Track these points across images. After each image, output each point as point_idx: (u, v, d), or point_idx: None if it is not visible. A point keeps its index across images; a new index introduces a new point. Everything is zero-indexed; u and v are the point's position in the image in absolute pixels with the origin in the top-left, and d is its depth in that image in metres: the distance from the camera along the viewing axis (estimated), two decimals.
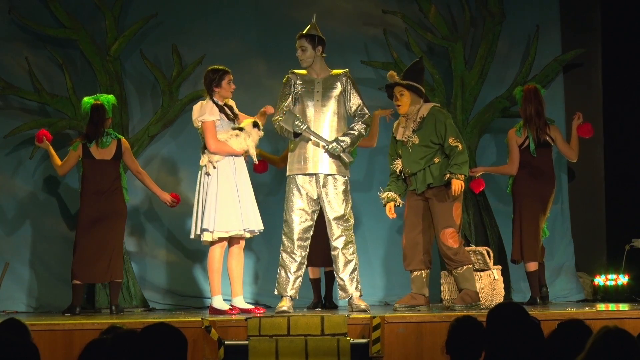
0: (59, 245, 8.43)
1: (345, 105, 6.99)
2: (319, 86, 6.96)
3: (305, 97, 6.93)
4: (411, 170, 6.99)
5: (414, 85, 6.97)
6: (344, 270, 6.88)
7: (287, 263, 6.89)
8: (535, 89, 7.89)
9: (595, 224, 9.05)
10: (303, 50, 6.98)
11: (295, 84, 6.97)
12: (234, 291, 7.02)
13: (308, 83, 6.97)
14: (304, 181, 6.88)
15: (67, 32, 8.54)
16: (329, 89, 6.96)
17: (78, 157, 7.69)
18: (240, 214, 6.87)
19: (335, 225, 6.86)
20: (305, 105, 6.92)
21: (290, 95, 6.96)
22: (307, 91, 6.95)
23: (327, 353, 5.89)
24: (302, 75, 7.01)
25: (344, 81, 6.99)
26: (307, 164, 6.86)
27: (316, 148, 6.87)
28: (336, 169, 6.88)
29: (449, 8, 8.96)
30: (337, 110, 6.95)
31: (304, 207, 6.88)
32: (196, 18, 8.88)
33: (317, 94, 6.95)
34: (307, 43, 6.98)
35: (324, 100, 6.94)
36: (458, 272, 6.91)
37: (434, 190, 6.91)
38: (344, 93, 6.98)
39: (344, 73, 7.03)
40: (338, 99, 6.96)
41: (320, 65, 7.00)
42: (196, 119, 6.97)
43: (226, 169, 6.91)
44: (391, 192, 7.08)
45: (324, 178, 6.87)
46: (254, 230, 6.97)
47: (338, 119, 6.95)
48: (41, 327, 5.89)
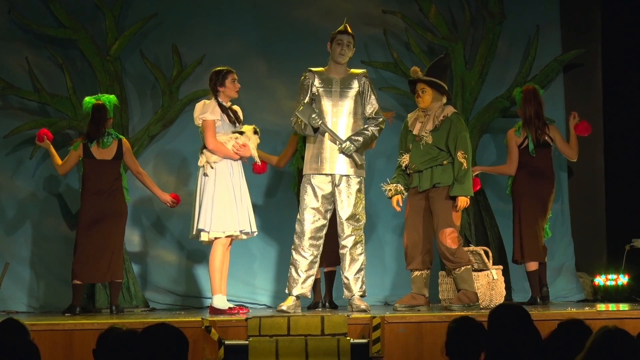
0: (60, 245, 8.43)
1: (362, 106, 6.99)
2: (337, 85, 6.96)
3: (323, 96, 6.93)
4: (418, 168, 6.99)
5: (437, 82, 6.96)
6: (349, 269, 6.89)
7: (297, 261, 6.90)
8: (534, 89, 7.89)
9: (595, 224, 9.05)
10: (349, 46, 6.96)
11: (314, 82, 6.96)
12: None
13: (326, 82, 6.96)
14: (319, 181, 6.89)
15: (67, 32, 8.54)
16: (347, 88, 6.96)
17: (79, 157, 7.69)
18: (237, 215, 6.88)
19: (346, 224, 6.87)
20: (322, 104, 6.92)
21: (308, 93, 6.95)
22: (325, 90, 6.94)
23: (327, 353, 5.89)
24: (320, 73, 7.00)
25: (362, 82, 6.98)
26: (324, 164, 6.88)
27: (333, 149, 6.87)
28: (352, 169, 6.89)
29: (449, 8, 8.96)
30: (354, 110, 6.95)
31: (317, 206, 6.89)
32: (196, 18, 8.88)
33: (334, 93, 6.95)
34: (353, 41, 6.99)
35: (342, 99, 6.94)
36: (456, 272, 6.92)
37: (438, 190, 6.92)
38: (361, 94, 6.98)
39: (363, 73, 7.02)
40: (355, 99, 6.96)
41: (344, 65, 7.00)
42: (197, 117, 6.97)
43: (224, 170, 6.91)
44: (399, 184, 7.08)
45: (339, 178, 6.88)
46: (248, 232, 6.98)
47: (355, 119, 6.95)
48: (41, 327, 5.89)
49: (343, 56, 6.94)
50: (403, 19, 8.81)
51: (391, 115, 8.17)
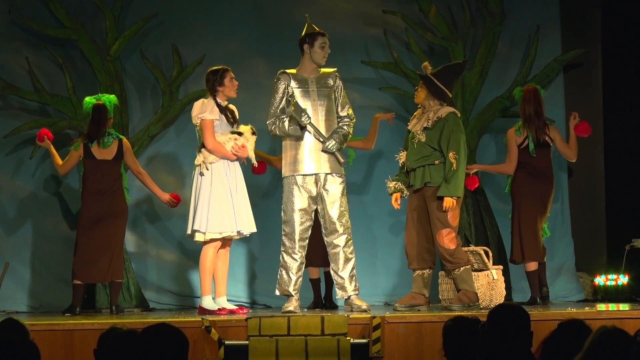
0: (60, 245, 8.43)
1: (336, 103, 6.99)
2: (313, 85, 6.96)
3: (300, 97, 6.91)
4: (411, 166, 7.00)
5: (434, 83, 6.94)
6: (343, 268, 6.89)
7: (289, 264, 6.89)
8: (534, 89, 7.89)
9: (595, 224, 9.05)
10: (329, 46, 6.97)
11: (289, 84, 6.95)
12: (218, 291, 7.04)
13: (302, 82, 6.96)
14: (304, 181, 6.88)
15: (67, 32, 8.54)
16: (323, 87, 6.97)
17: (79, 157, 7.68)
18: (233, 216, 6.88)
19: (338, 223, 6.86)
20: (300, 105, 6.89)
21: (284, 95, 6.94)
22: (302, 90, 6.93)
23: (327, 353, 5.89)
24: (294, 74, 6.99)
25: (336, 81, 7.00)
26: (307, 164, 6.86)
27: (312, 149, 6.86)
28: (335, 167, 6.88)
29: (449, 8, 8.96)
30: (331, 107, 6.96)
31: (305, 207, 6.87)
32: (196, 18, 8.88)
33: (312, 93, 6.94)
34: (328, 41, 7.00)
35: (320, 99, 6.93)
36: (456, 273, 6.92)
37: (431, 190, 6.91)
38: (335, 92, 6.99)
39: (334, 72, 7.04)
40: (330, 97, 6.97)
41: (313, 65, 7.00)
42: (195, 116, 6.97)
43: (220, 170, 6.91)
44: (399, 182, 7.09)
45: (325, 177, 6.87)
46: (244, 232, 6.98)
47: (332, 117, 6.95)
48: (41, 327, 5.89)
49: (324, 58, 6.97)
50: (403, 19, 8.81)
51: (390, 117, 8.18)
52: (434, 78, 6.95)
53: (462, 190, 6.85)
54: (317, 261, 7.74)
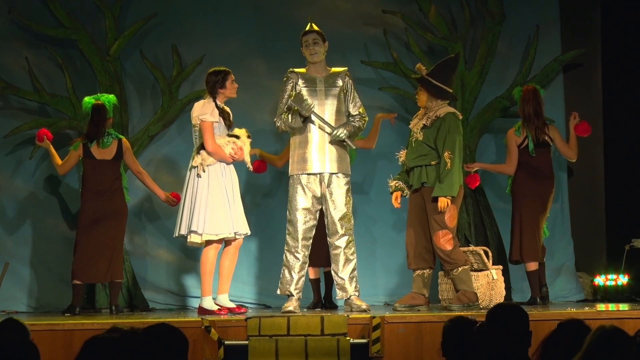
0: (59, 245, 8.43)
1: (345, 104, 7.00)
2: (321, 84, 6.96)
3: (308, 96, 6.91)
4: (409, 165, 7.01)
5: (431, 82, 6.93)
6: (344, 269, 6.89)
7: (291, 263, 6.90)
8: (534, 89, 7.89)
9: (595, 224, 9.05)
10: (316, 43, 6.95)
11: (297, 83, 6.95)
12: (220, 288, 7.05)
13: (310, 81, 6.96)
14: (308, 180, 6.89)
15: (67, 32, 8.54)
16: (331, 87, 6.96)
17: (79, 157, 7.69)
18: (230, 217, 6.89)
19: (339, 224, 6.87)
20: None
21: (291, 94, 6.94)
22: (309, 89, 6.93)
23: (327, 353, 5.89)
24: (303, 73, 7.00)
25: (345, 80, 7.00)
26: (312, 163, 6.87)
27: (319, 148, 6.86)
28: (340, 167, 6.89)
29: (449, 8, 8.96)
30: (340, 107, 6.96)
31: (308, 206, 6.88)
32: (196, 18, 8.88)
33: (319, 92, 6.94)
34: (319, 37, 6.97)
35: (327, 98, 6.94)
36: (454, 273, 6.92)
37: (428, 190, 6.91)
38: (344, 91, 6.99)
39: (344, 71, 7.04)
40: (339, 97, 6.96)
41: (322, 63, 7.00)
42: (196, 117, 6.97)
43: (217, 172, 6.93)
44: (400, 181, 7.09)
45: (329, 177, 6.88)
46: (241, 234, 6.98)
47: (340, 117, 6.95)
48: (41, 327, 5.89)
49: (315, 55, 6.95)
50: (403, 19, 8.81)
51: (393, 117, 8.18)
52: (431, 78, 6.95)
53: (456, 190, 6.84)
54: (317, 261, 7.74)
